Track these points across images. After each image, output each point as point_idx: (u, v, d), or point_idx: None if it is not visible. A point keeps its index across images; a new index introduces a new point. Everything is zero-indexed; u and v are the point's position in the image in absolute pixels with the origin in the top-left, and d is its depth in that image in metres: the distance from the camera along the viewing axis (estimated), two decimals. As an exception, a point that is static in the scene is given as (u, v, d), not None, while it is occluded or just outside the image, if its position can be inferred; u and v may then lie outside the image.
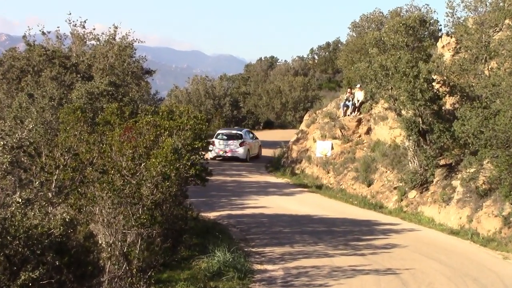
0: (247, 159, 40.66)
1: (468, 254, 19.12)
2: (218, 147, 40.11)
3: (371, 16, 50.54)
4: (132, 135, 16.38)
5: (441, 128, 24.50)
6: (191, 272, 15.68)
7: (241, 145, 40.39)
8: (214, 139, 40.18)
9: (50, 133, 20.81)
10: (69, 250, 11.09)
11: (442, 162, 25.85)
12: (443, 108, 25.83)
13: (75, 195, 14.03)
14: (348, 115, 35.59)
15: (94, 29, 36.38)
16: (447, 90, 25.72)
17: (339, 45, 73.04)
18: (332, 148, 34.29)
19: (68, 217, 11.00)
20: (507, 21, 26.21)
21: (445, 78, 25.88)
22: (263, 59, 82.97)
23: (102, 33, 36.10)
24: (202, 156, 19.67)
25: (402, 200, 26.52)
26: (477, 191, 22.25)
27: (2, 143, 11.82)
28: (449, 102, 26.60)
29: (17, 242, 10.03)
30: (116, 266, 12.82)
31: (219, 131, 42.28)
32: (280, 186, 33.04)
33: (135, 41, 35.74)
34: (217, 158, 39.75)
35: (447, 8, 29.93)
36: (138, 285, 12.81)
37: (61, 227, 10.73)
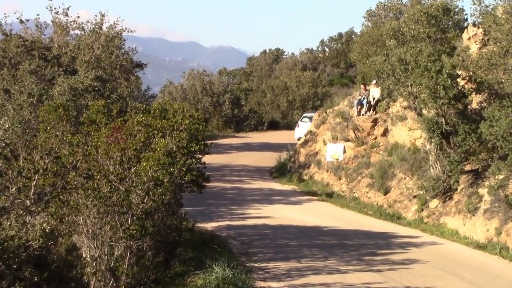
0: None
1: (496, 271, 19.08)
2: (302, 129, 46.22)
3: (389, 4, 50.53)
4: (121, 136, 16.38)
5: (466, 130, 24.47)
6: (186, 290, 15.66)
7: None
8: (299, 122, 49.76)
9: (28, 133, 20.83)
10: (49, 264, 11.10)
11: (467, 167, 25.82)
12: (468, 107, 25.82)
13: (56, 203, 14.02)
14: (363, 114, 35.59)
15: (78, 17, 36.45)
16: (474, 87, 25.69)
17: (353, 36, 73.18)
18: (345, 151, 34.29)
19: (49, 227, 11.02)
20: (541, 9, 26.17)
21: (471, 73, 25.86)
22: (267, 51, 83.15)
23: (87, 22, 36.18)
24: (198, 160, 19.66)
25: (422, 210, 26.49)
26: (506, 200, 22.20)
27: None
28: (475, 101, 26.58)
29: (-9, 255, 10.03)
30: (102, 283, 12.82)
31: (304, 114, 51.39)
32: (286, 193, 33.04)
33: (124, 31, 35.81)
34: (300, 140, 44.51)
35: (473, -5, 29.93)
36: (126, 304, 12.81)
37: (41, 239, 10.75)
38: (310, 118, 46.49)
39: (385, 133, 33.66)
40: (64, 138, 16.50)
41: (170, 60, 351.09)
